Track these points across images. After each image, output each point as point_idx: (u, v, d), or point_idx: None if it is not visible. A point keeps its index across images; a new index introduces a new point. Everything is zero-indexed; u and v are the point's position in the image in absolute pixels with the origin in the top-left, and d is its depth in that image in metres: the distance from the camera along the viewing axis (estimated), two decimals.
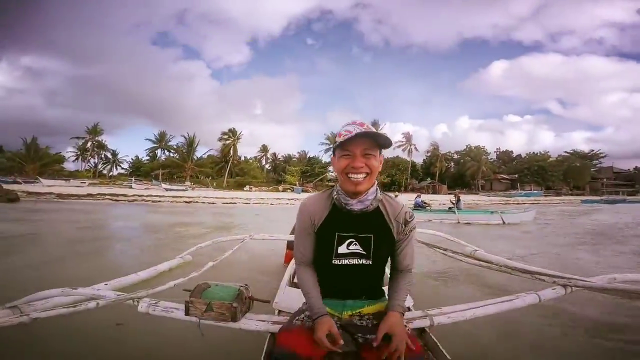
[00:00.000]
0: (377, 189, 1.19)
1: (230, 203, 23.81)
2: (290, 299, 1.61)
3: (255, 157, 66.48)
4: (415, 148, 59.67)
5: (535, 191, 49.17)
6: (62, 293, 1.28)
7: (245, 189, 44.45)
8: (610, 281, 1.81)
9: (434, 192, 48.19)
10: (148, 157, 60.44)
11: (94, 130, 55.93)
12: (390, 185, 51.23)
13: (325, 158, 56.54)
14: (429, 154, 61.32)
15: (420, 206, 13.82)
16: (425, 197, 18.05)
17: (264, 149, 66.58)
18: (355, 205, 1.15)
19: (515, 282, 2.79)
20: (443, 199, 20.29)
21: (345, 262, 1.17)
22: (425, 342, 1.40)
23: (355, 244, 1.17)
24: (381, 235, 1.18)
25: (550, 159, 59.57)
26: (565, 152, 63.83)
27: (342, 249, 1.17)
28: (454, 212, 12.60)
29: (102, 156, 59.50)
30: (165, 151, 59.22)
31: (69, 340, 2.12)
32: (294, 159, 65.38)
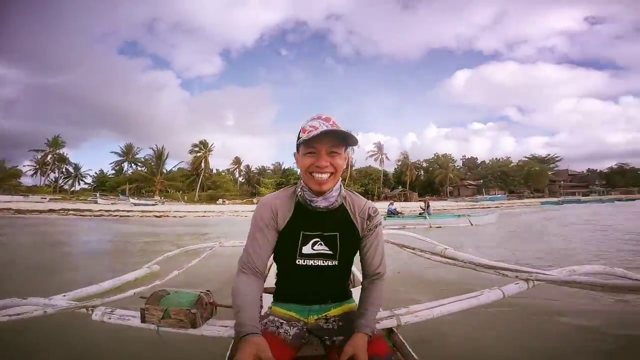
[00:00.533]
0: (340, 185, 1.14)
1: (203, 216, 23.17)
2: None
3: (228, 170, 65.44)
4: (387, 157, 61.64)
5: (499, 195, 52.11)
6: (11, 303, 1.23)
7: (218, 202, 43.42)
8: (570, 274, 1.88)
9: (406, 200, 49.48)
10: (114, 171, 57.82)
11: (55, 143, 52.93)
12: (364, 194, 52.00)
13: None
14: (399, 163, 63.39)
15: (393, 213, 14.33)
16: (397, 205, 18.59)
17: (237, 161, 65.64)
18: (321, 203, 1.09)
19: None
20: (414, 206, 21.07)
21: (310, 262, 1.11)
22: (393, 342, 1.38)
23: (321, 244, 1.11)
24: (347, 233, 1.13)
25: (512, 164, 63.23)
26: (525, 157, 68.07)
27: (307, 249, 1.11)
28: (425, 217, 13.38)
29: (63, 170, 56.25)
30: (133, 165, 56.96)
31: (29, 349, 2.02)
32: (269, 171, 64.92)
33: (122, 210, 24.40)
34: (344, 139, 1.05)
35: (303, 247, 1.11)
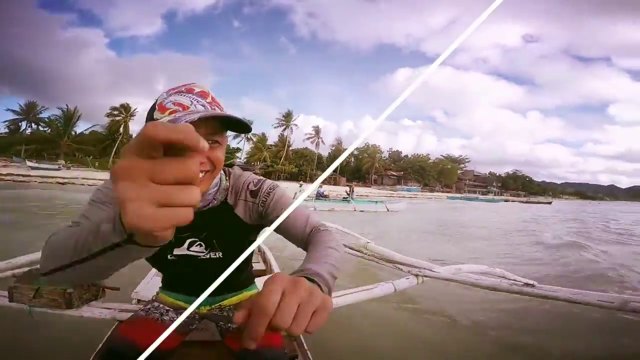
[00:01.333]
0: (221, 177, 0.87)
1: None
2: (153, 288, 1.50)
3: None
4: (323, 142, 62.88)
5: (414, 187, 59.55)
6: None
7: None
8: (456, 272, 2.10)
9: (335, 184, 51.46)
10: (7, 131, 48.05)
11: None
12: (298, 175, 52.87)
13: (233, 143, 53.86)
14: (333, 148, 65.29)
15: (322, 196, 15.02)
16: (326, 188, 19.49)
17: None
18: None
19: None
20: (340, 190, 22.57)
21: (187, 257, 0.90)
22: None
23: (200, 245, 0.89)
24: (230, 228, 0.89)
25: (429, 161, 71.45)
26: (441, 155, 76.60)
27: (182, 251, 0.89)
28: (349, 201, 14.63)
29: None
30: (33, 124, 48.01)
31: None
32: None
33: (16, 175, 20.57)
34: (230, 124, 0.72)
35: (175, 249, 0.89)
